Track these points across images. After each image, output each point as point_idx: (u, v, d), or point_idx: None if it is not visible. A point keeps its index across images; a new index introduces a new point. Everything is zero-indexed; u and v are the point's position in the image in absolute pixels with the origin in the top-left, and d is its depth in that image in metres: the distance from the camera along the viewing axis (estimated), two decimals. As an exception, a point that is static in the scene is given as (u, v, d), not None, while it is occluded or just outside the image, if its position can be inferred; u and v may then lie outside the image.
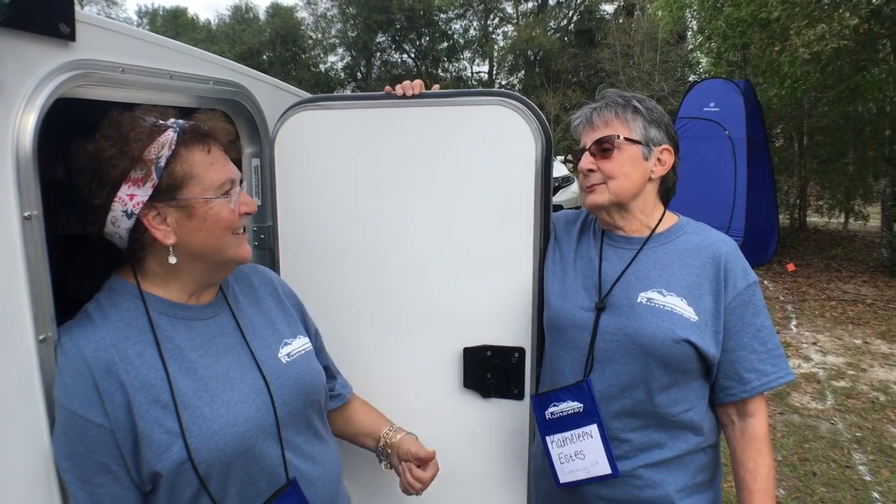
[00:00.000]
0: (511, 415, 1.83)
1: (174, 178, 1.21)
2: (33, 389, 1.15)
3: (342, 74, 36.88)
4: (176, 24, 37.32)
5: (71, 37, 1.17)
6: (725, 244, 1.57)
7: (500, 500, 1.88)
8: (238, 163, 1.35)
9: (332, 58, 37.23)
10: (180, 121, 1.25)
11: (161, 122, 1.23)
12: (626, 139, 1.56)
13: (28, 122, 1.10)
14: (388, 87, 1.76)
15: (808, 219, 13.61)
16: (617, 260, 1.60)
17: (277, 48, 34.68)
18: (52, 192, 1.23)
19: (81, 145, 1.19)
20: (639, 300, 1.51)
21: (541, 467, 1.70)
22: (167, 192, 1.21)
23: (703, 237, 1.59)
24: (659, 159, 1.59)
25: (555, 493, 1.64)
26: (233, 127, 1.33)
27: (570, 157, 1.65)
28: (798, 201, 13.36)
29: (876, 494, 3.86)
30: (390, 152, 1.78)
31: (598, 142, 1.57)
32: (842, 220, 13.32)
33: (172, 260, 1.24)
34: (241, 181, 1.34)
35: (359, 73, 36.84)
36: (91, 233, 1.24)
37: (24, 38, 1.09)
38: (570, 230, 1.76)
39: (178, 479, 1.17)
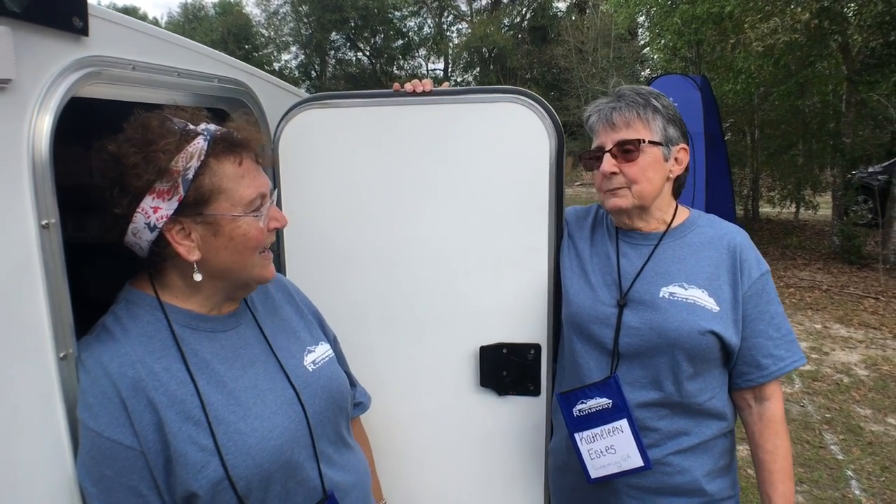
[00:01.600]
0: (528, 411, 1.81)
1: (202, 191, 1.13)
2: (55, 410, 1.07)
3: (297, 73, 36.38)
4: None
5: (84, 31, 1.09)
6: (739, 235, 1.59)
7: (518, 498, 1.87)
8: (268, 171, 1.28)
9: (285, 56, 36.73)
10: (211, 126, 1.18)
11: (191, 126, 1.16)
12: (650, 142, 1.54)
13: (43, 125, 1.02)
14: (396, 85, 1.72)
15: (760, 209, 14.01)
16: (635, 256, 1.60)
17: (230, 46, 33.96)
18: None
19: (102, 145, 1.11)
20: (661, 295, 1.52)
21: (564, 462, 1.68)
22: (193, 206, 1.14)
23: (717, 229, 1.61)
24: (676, 158, 1.59)
25: (579, 488, 1.63)
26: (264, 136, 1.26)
27: (585, 154, 1.63)
28: (751, 192, 13.74)
29: (850, 472, 4.00)
30: (399, 151, 1.74)
31: (621, 144, 1.54)
32: (793, 209, 13.75)
33: (198, 277, 1.17)
34: (273, 191, 1.28)
35: (313, 72, 36.40)
36: (109, 240, 1.16)
37: (38, 33, 1.02)
38: (582, 226, 1.75)
39: (215, 499, 1.11)
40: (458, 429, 1.85)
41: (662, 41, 12.37)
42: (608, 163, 1.55)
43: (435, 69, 36.42)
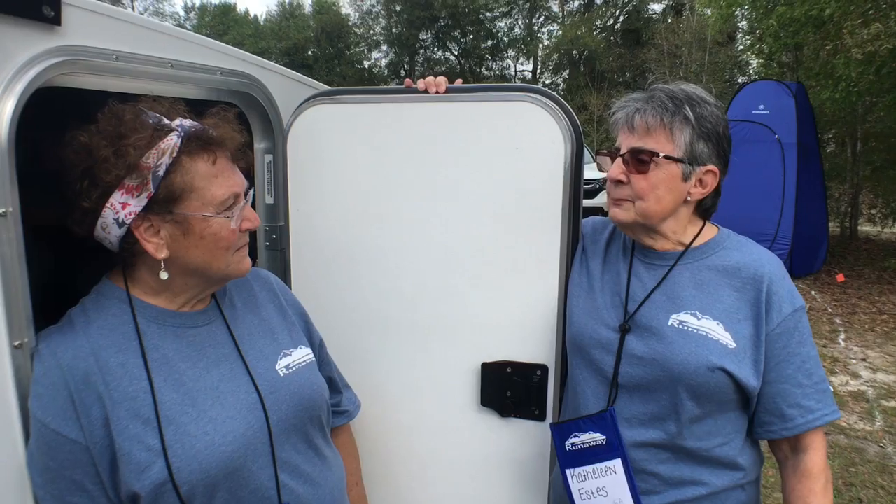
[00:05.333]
0: (531, 437, 1.69)
1: (172, 189, 1.11)
2: (7, 399, 1.07)
3: (385, 71, 37.00)
4: (224, 20, 37.90)
5: (56, 21, 1.08)
6: (770, 263, 1.40)
7: (517, 528, 1.75)
8: (246, 172, 1.25)
9: (376, 54, 37.39)
10: (187, 122, 1.14)
11: (166, 121, 1.13)
12: (667, 157, 1.36)
13: (4, 111, 1.02)
14: (408, 81, 1.64)
15: (859, 227, 13.05)
16: (648, 277, 1.45)
17: (322, 44, 34.96)
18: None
19: (74, 135, 1.10)
20: (670, 323, 1.36)
21: (561, 497, 1.56)
22: (163, 203, 1.11)
23: (745, 254, 1.42)
24: (700, 180, 1.39)
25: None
26: (242, 134, 1.23)
27: (602, 151, 1.47)
28: (849, 209, 12.82)
29: (929, 528, 3.61)
30: (409, 150, 1.67)
31: (635, 152, 1.37)
32: (895, 229, 12.74)
33: (164, 276, 1.15)
34: (248, 191, 1.24)
35: (402, 71, 36.89)
36: (78, 233, 1.15)
37: (3, 22, 1.01)
38: (597, 240, 1.61)
39: (158, 501, 1.08)
40: (456, 448, 1.75)
41: (761, 45, 11.71)
42: (616, 168, 1.40)
43: (523, 70, 36.14)
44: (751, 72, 17.90)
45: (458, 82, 1.65)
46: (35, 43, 1.07)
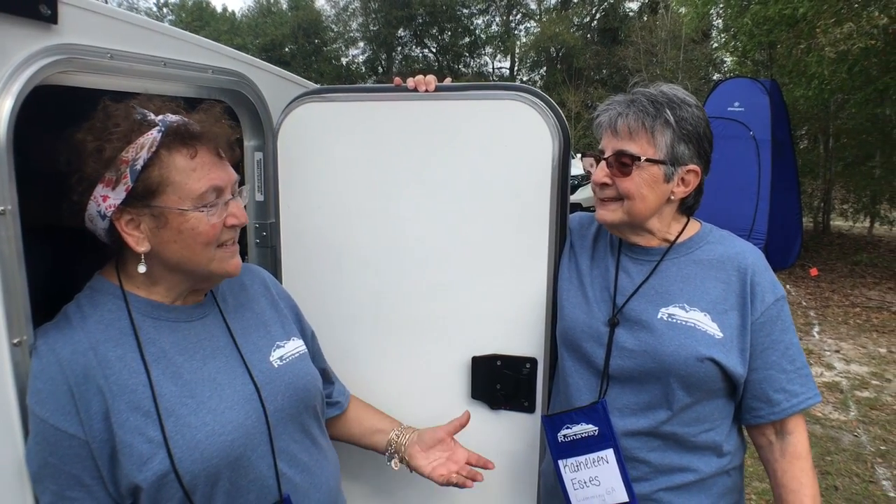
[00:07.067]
0: (521, 428, 1.73)
1: (150, 183, 1.12)
2: (6, 396, 1.07)
3: (363, 68, 36.86)
4: (203, 15, 37.43)
5: (52, 19, 1.09)
6: (752, 255, 1.45)
7: (508, 518, 1.79)
8: (238, 167, 1.25)
9: (353, 51, 37.25)
10: (170, 118, 1.15)
11: (151, 116, 1.14)
12: (648, 160, 1.39)
13: (2, 110, 1.02)
14: (397, 79, 1.66)
15: (831, 222, 13.32)
16: (636, 272, 1.49)
17: (300, 40, 34.72)
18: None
19: (71, 132, 1.11)
20: (659, 316, 1.41)
21: (552, 486, 1.60)
22: (141, 197, 1.12)
23: (728, 247, 1.47)
24: (683, 179, 1.43)
25: (566, 515, 1.54)
26: (230, 129, 1.23)
27: (588, 153, 1.50)
28: (822, 204, 13.08)
29: (901, 512, 3.72)
30: (399, 148, 1.69)
31: (618, 155, 1.41)
32: (867, 224, 13.03)
33: (142, 269, 1.16)
34: (238, 186, 1.24)
35: (380, 68, 36.77)
36: (70, 224, 1.16)
37: (2, 21, 1.01)
38: (585, 235, 1.65)
39: (160, 493, 1.10)
40: (448, 439, 1.78)
41: (735, 43, 11.88)
42: (601, 172, 1.44)
43: (501, 67, 36.24)
44: (725, 69, 18.15)
45: (447, 81, 1.68)
46: (32, 41, 1.07)
